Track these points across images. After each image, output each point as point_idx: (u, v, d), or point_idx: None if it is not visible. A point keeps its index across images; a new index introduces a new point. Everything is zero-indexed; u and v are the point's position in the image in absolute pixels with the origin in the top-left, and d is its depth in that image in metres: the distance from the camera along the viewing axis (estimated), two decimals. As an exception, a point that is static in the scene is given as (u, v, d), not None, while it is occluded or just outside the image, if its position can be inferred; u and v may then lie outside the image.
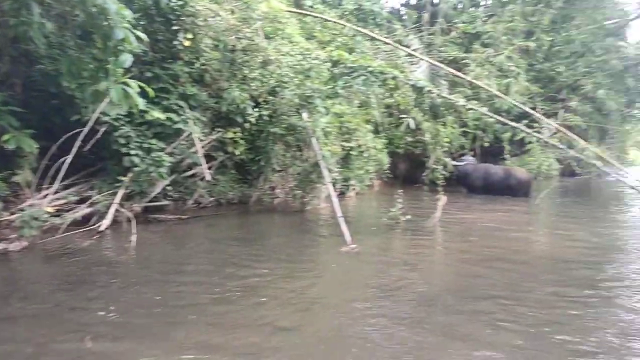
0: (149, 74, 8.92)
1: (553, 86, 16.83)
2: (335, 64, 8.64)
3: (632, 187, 8.37)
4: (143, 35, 5.57)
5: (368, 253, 7.34)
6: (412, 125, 12.29)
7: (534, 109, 11.75)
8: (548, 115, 13.33)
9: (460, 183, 15.73)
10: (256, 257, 6.91)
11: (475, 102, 9.18)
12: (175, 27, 9.16)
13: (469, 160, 16.06)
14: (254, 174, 11.18)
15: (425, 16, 17.32)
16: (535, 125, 8.90)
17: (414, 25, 16.19)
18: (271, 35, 10.68)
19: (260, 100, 10.28)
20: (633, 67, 17.58)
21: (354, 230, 8.10)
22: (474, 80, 11.15)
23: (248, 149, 10.61)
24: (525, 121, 8.71)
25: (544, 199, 13.32)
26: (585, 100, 15.72)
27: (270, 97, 10.30)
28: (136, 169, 8.54)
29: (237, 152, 10.19)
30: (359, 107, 12.48)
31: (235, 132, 10.22)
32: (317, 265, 6.91)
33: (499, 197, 14.42)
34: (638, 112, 21.43)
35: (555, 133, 8.33)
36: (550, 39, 16.51)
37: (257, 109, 10.12)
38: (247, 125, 10.08)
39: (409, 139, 14.94)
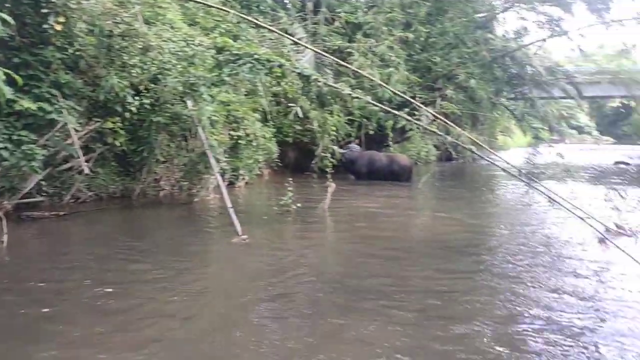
0: (16, 60, 8.20)
1: (430, 76, 17.70)
2: (220, 51, 8.45)
3: (503, 170, 8.98)
4: (9, 18, 5.12)
5: (259, 243, 7.33)
6: (300, 113, 12.37)
7: (413, 97, 12.22)
8: (426, 103, 13.99)
9: (347, 170, 16.21)
10: (143, 252, 6.67)
11: (360, 91, 9.44)
12: (45, 10, 8.48)
13: (354, 148, 16.61)
14: (137, 166, 10.70)
15: (309, 5, 17.49)
16: (415, 113, 9.30)
17: (298, 14, 16.27)
18: (151, 21, 10.22)
19: (141, 88, 9.82)
20: (500, 58, 18.91)
21: (245, 221, 8.05)
22: (357, 70, 11.42)
23: (129, 139, 10.11)
24: (406, 109, 9.02)
25: (425, 183, 14.07)
26: (459, 89, 16.68)
27: (152, 85, 9.88)
28: (5, 163, 7.84)
29: (117, 143, 9.68)
30: (246, 95, 12.35)
31: (115, 122, 9.69)
32: (206, 257, 6.82)
33: (384, 183, 15.03)
34: (505, 100, 23.16)
35: (433, 120, 8.77)
36: (427, 30, 17.31)
37: (138, 98, 9.66)
38: (127, 114, 9.58)
39: (298, 127, 15.06)
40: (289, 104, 12.57)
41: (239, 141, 11.94)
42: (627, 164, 29.10)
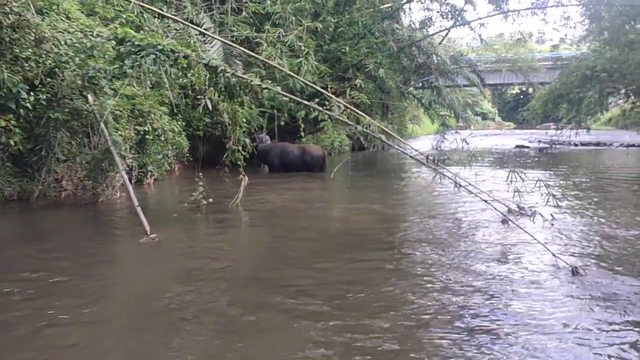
0: None
1: (340, 66, 17.90)
2: (121, 42, 8.08)
3: (411, 157, 9.25)
4: None
5: (169, 241, 7.16)
6: (210, 106, 12.12)
7: (325, 88, 12.28)
8: (337, 93, 14.14)
9: (260, 162, 16.21)
10: (44, 258, 6.32)
11: (270, 81, 9.31)
12: None
13: (264, 139, 16.64)
14: (35, 166, 10.07)
15: (216, -6, 17.15)
16: (327, 103, 9.31)
17: (204, 4, 15.91)
18: (45, 11, 9.68)
19: (36, 82, 9.26)
20: (407, 48, 19.43)
21: (154, 219, 7.84)
22: (266, 60, 11.35)
23: (25, 138, 9.48)
24: (317, 100, 9.04)
25: (338, 173, 14.28)
26: (369, 79, 16.93)
27: (49, 79, 9.34)
28: None
29: (12, 143, 9.06)
30: (151, 88, 11.96)
31: (8, 120, 9.05)
32: (114, 259, 6.58)
33: (298, 174, 15.13)
34: (413, 89, 23.89)
35: (344, 110, 8.79)
36: (335, 20, 17.48)
37: (33, 93, 9.11)
38: (22, 111, 9.00)
39: (208, 120, 14.85)
40: (198, 97, 12.31)
41: (146, 136, 11.57)
42: (527, 147, 31.00)
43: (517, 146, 31.63)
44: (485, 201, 7.60)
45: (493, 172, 15.57)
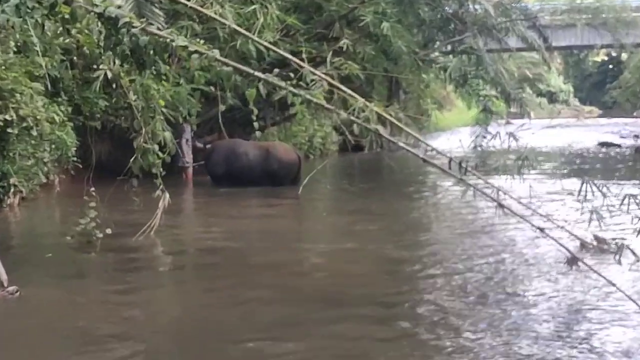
0: None
1: (320, 18, 17.93)
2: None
3: (426, 162, 9.00)
4: None
5: (37, 299, 7.11)
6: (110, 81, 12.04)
7: (295, 52, 12.32)
8: (316, 61, 14.08)
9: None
10: None
11: (204, 42, 9.30)
12: None
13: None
14: None
15: None
16: (294, 76, 9.28)
17: None
18: None
19: None
20: (428, -10, 19.50)
21: (16, 262, 7.82)
22: (199, 9, 11.28)
23: None
24: (284, 71, 9.06)
25: (317, 185, 14.23)
26: (366, 40, 16.96)
27: None
28: None
29: None
30: (16, 53, 11.90)
31: None
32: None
33: (255, 190, 15.27)
34: (438, 55, 23.87)
35: (323, 87, 8.77)
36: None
37: None
38: None
39: (106, 104, 14.70)
40: (90, 66, 12.29)
41: (7, 129, 11.49)
42: (615, 145, 30.94)
43: (601, 144, 31.76)
44: (541, 230, 7.55)
45: (559, 184, 15.61)
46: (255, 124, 9.81)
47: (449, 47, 23.96)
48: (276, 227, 11.71)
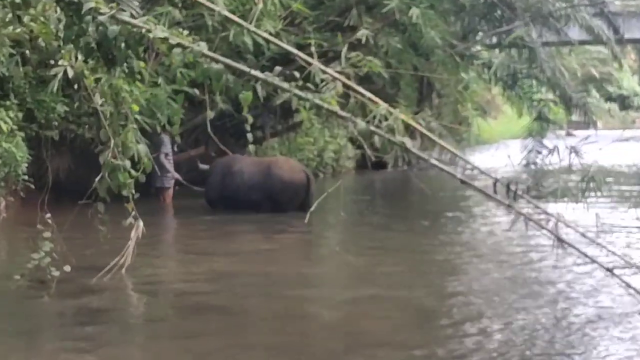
0: None
1: (334, 3, 17.92)
2: None
3: (464, 183, 8.85)
4: None
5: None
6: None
7: (304, 46, 12.14)
8: (328, 57, 13.95)
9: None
10: None
11: (188, 32, 9.25)
12: None
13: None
14: None
15: None
16: (310, 77, 9.12)
17: None
18: None
19: None
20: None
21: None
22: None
23: None
24: (288, 69, 9.02)
25: (332, 214, 14.11)
26: (390, 29, 16.82)
27: None
28: None
29: None
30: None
31: None
32: None
33: (252, 217, 15.20)
34: (480, 49, 23.64)
35: (345, 93, 8.67)
36: None
37: None
38: None
39: (65, 109, 14.65)
40: (47, 62, 12.14)
41: None
42: None
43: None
44: (611, 271, 7.29)
45: (633, 213, 15.34)
46: (249, 135, 9.74)
47: (495, 40, 23.69)
48: (276, 268, 11.36)
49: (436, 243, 13.58)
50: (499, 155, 19.55)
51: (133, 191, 9.53)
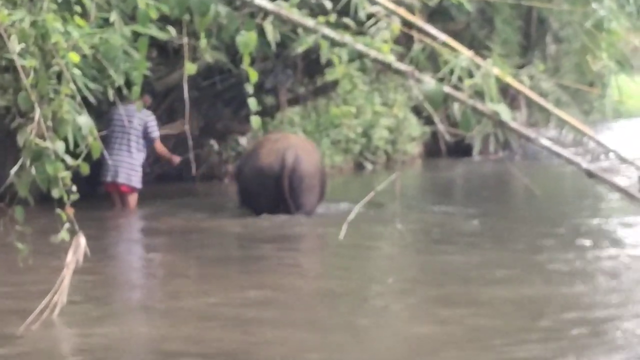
0: None
1: None
2: None
3: (590, 176, 8.10)
4: None
5: None
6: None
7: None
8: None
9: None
10: None
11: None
12: None
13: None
14: None
15: None
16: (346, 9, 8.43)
17: None
18: None
19: None
20: None
21: None
22: None
23: None
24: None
25: (382, 222, 12.24)
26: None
27: None
28: None
29: None
30: None
31: None
32: None
33: (254, 220, 13.45)
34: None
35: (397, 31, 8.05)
36: None
37: None
38: None
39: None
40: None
41: None
42: None
43: None
44: None
45: None
46: (252, 101, 8.21)
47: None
48: (287, 312, 8.46)
49: (541, 261, 10.39)
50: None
51: (72, 188, 7.69)
